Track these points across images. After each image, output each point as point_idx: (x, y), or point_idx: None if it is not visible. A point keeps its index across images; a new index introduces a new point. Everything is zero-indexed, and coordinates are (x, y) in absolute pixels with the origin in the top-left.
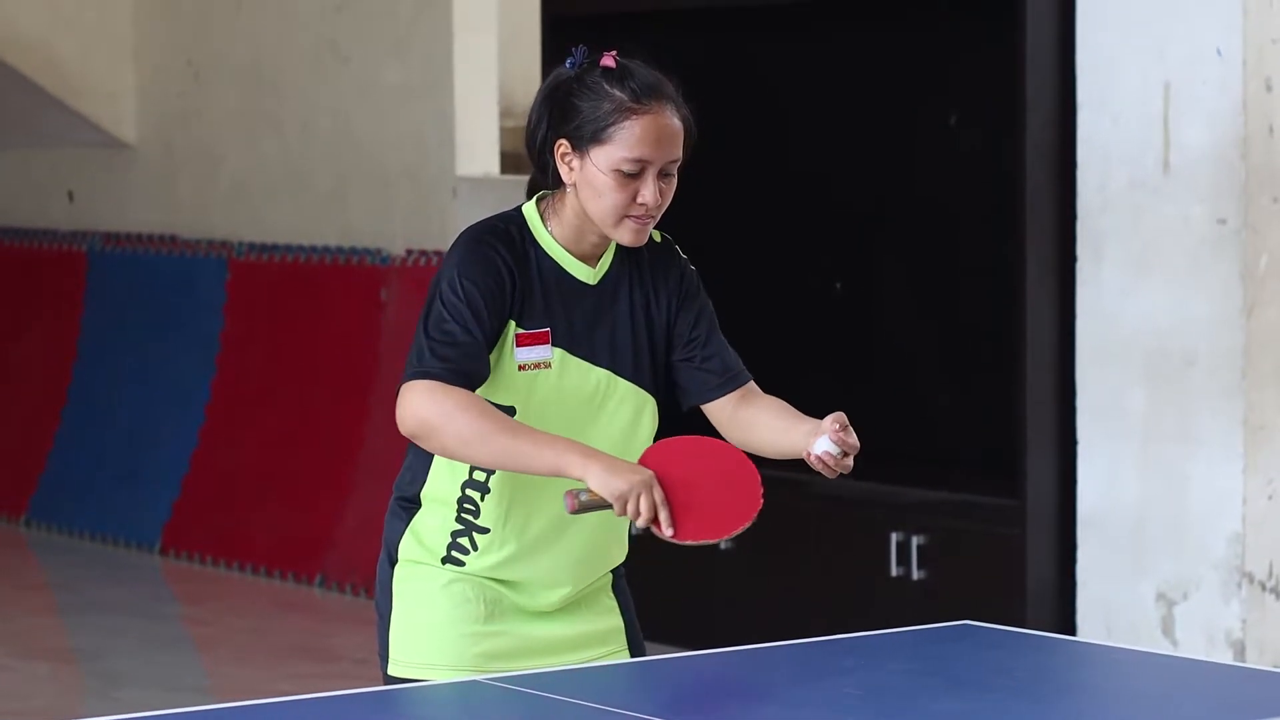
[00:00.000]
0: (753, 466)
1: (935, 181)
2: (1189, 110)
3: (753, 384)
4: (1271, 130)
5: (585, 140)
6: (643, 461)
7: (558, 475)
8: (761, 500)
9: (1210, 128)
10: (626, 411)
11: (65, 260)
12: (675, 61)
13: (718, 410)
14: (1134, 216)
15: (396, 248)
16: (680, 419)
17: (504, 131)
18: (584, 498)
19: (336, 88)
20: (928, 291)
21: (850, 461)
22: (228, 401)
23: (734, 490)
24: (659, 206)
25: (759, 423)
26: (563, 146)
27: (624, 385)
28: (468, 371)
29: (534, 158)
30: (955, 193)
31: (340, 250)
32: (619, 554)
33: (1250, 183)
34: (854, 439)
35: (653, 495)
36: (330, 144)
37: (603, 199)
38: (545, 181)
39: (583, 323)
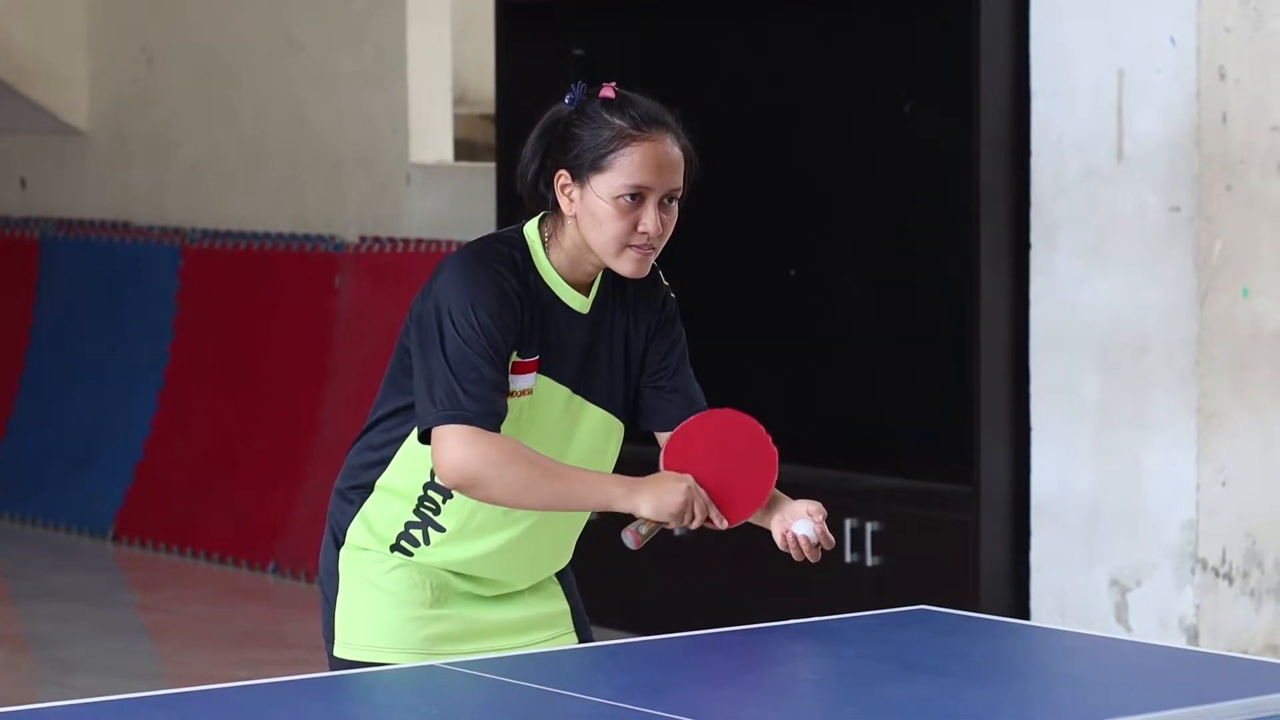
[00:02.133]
0: (752, 422)
1: (890, 169)
2: (1143, 98)
3: None
4: (1225, 118)
5: (585, 169)
6: (669, 465)
7: (606, 510)
8: (774, 448)
9: (1164, 116)
10: (596, 437)
11: (17, 247)
12: (628, 48)
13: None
14: (1088, 204)
15: (350, 235)
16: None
17: (458, 119)
18: (644, 530)
19: (290, 75)
20: (882, 278)
21: (818, 555)
22: (181, 388)
23: (753, 455)
24: (660, 236)
25: None
26: (563, 177)
27: (595, 411)
28: (498, 410)
29: (527, 195)
30: (910, 180)
31: (294, 237)
32: (566, 559)
33: (1204, 171)
34: (830, 536)
35: (701, 498)
36: (284, 131)
37: (603, 228)
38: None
39: (570, 351)
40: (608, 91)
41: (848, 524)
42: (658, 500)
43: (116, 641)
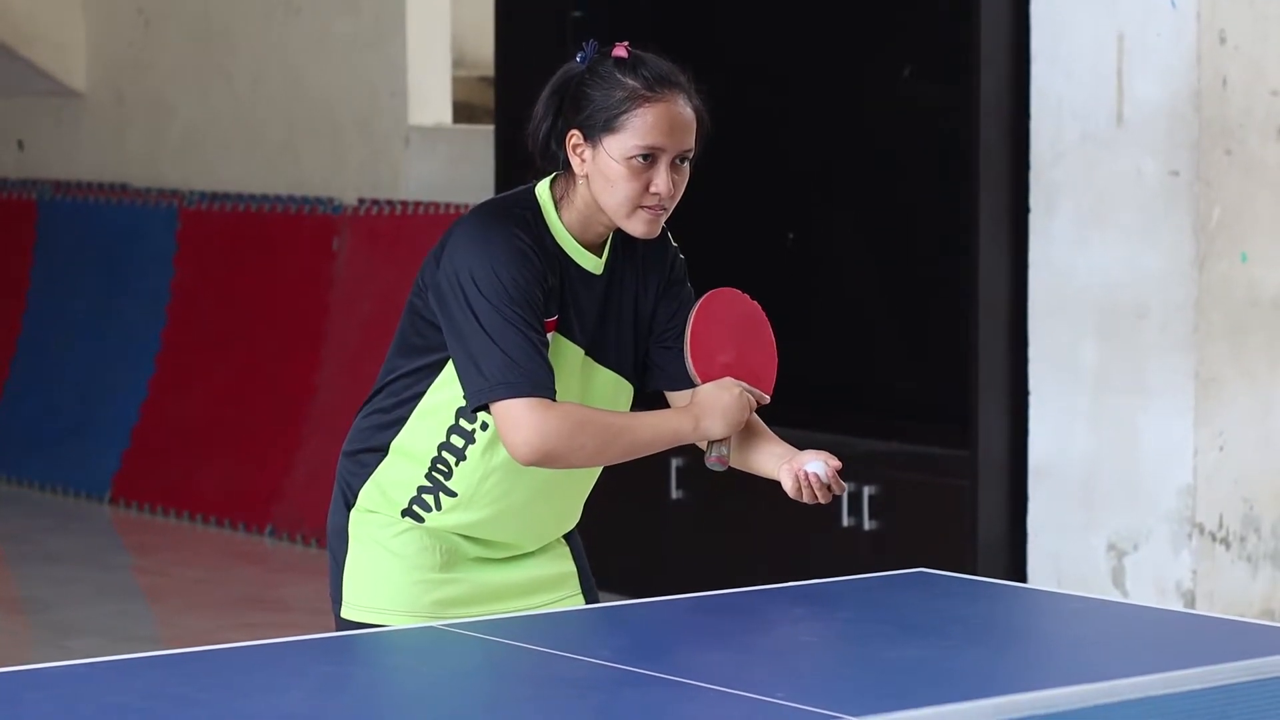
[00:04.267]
0: (731, 292)
1: (889, 133)
2: (1142, 63)
3: None
4: (1225, 82)
5: (597, 129)
6: (707, 376)
7: (678, 444)
8: (755, 302)
9: (1163, 80)
10: (606, 398)
11: (15, 209)
12: (626, 9)
13: (682, 401)
14: (1087, 169)
15: (348, 197)
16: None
17: (456, 81)
18: (725, 451)
19: (288, 38)
20: (880, 243)
21: (829, 496)
22: (178, 352)
23: (752, 322)
24: (672, 197)
25: None
26: (574, 137)
27: (605, 373)
28: (550, 373)
29: (539, 153)
30: (909, 145)
31: (292, 200)
32: (574, 521)
33: (1203, 135)
34: (841, 481)
35: (748, 396)
36: (282, 94)
37: (615, 189)
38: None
39: (585, 312)
40: (620, 51)
41: (845, 487)
42: (724, 417)
43: (113, 604)
